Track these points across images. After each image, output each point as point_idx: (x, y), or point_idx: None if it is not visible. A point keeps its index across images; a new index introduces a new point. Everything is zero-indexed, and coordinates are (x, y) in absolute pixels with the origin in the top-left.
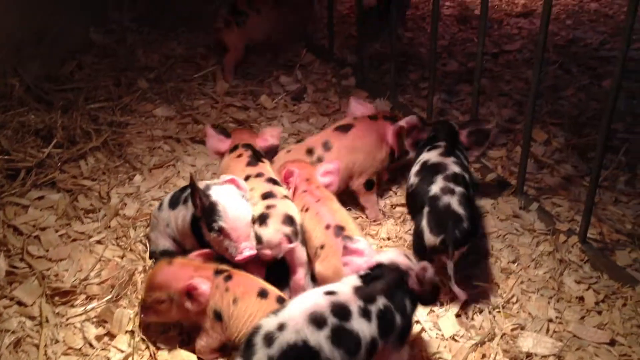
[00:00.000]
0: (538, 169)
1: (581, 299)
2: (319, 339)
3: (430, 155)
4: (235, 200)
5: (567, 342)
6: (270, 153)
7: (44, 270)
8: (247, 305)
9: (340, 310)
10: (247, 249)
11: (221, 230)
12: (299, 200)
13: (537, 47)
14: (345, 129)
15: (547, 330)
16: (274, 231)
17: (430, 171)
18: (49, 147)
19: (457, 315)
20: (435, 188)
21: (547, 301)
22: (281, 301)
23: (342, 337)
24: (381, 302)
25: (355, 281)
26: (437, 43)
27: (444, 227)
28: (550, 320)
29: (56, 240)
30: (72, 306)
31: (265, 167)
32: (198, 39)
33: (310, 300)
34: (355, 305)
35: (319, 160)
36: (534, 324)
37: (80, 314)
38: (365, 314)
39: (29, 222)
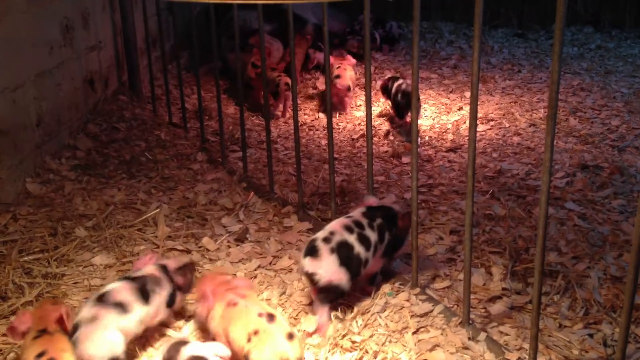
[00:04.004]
0: (482, 298)
1: None
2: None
3: None
4: None
5: None
6: None
7: None
8: None
9: (358, 223)
10: None
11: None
12: (222, 299)
13: (468, 179)
14: None
15: None
16: None
17: None
18: None
19: None
20: None
21: None
22: None
23: (363, 238)
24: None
25: (362, 209)
26: (373, 179)
27: None
28: None
29: None
30: None
31: None
32: (139, 184)
33: (340, 219)
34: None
35: None
36: None
37: None
38: (370, 227)
39: None
